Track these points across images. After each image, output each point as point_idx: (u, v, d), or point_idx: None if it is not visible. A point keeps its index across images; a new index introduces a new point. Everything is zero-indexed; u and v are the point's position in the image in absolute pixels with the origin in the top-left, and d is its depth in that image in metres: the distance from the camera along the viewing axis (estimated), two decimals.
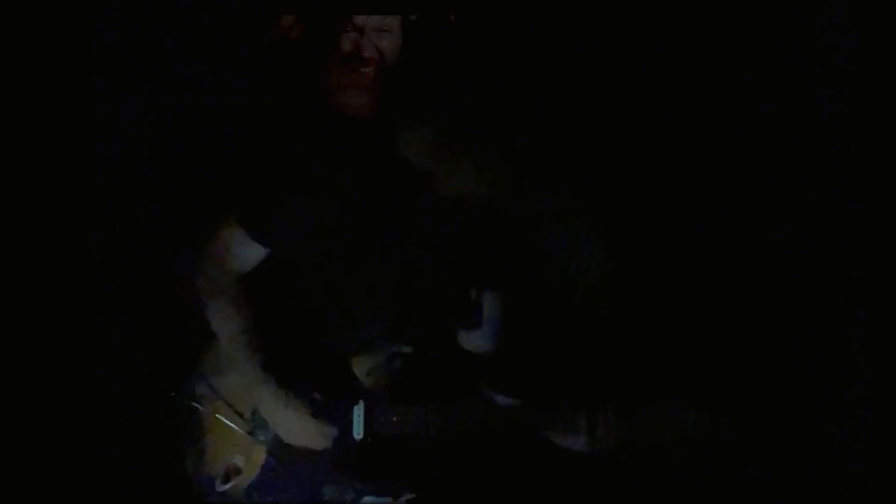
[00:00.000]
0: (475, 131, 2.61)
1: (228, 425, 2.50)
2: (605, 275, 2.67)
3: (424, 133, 2.57)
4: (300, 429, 2.43)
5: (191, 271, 2.54)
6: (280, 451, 2.47)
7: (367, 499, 2.48)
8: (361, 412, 2.44)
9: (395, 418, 2.42)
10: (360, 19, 2.50)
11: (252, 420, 2.49)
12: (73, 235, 2.70)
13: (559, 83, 2.73)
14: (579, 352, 2.59)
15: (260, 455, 2.49)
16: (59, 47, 2.67)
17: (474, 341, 2.46)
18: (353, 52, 2.47)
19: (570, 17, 2.73)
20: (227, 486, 2.47)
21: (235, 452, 2.50)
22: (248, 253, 2.51)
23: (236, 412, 2.51)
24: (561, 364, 2.56)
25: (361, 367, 2.48)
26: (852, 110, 2.68)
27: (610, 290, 2.65)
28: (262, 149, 2.61)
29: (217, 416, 2.50)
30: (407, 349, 2.46)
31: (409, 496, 2.46)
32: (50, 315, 2.65)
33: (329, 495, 2.47)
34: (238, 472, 2.48)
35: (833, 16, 2.69)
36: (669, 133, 2.75)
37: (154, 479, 2.55)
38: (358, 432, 2.43)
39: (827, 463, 2.66)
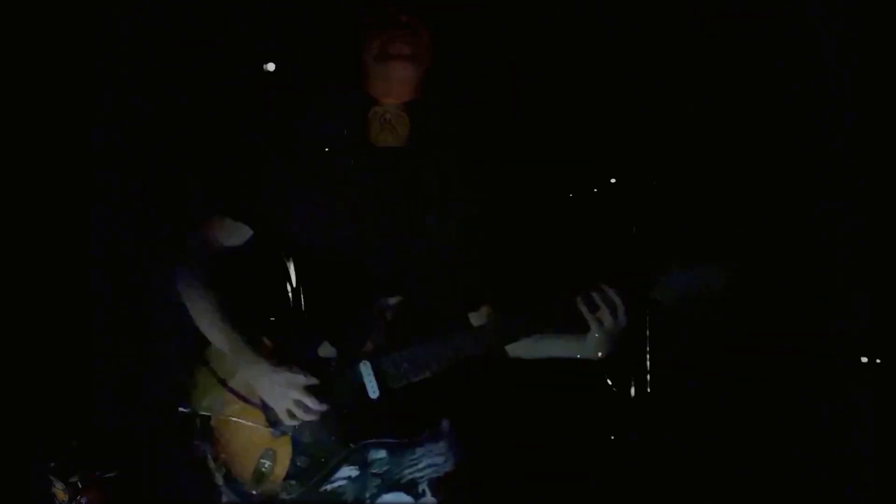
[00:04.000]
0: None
1: (246, 425, 2.48)
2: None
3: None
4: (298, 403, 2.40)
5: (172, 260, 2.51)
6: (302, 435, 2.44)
7: (386, 497, 2.47)
8: (370, 370, 2.42)
9: (405, 365, 2.39)
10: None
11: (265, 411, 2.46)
12: (72, 236, 2.70)
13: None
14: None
15: (286, 447, 2.46)
16: (61, 45, 2.67)
17: None
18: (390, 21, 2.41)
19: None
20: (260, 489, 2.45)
21: (261, 447, 2.46)
22: (235, 234, 2.50)
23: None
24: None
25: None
26: (852, 110, 2.68)
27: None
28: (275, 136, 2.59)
29: (232, 419, 2.48)
30: (393, 300, 2.42)
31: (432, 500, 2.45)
32: (48, 316, 2.66)
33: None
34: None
35: (833, 15, 2.70)
36: (673, 135, 2.76)
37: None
38: (373, 391, 2.39)
39: (827, 463, 2.67)
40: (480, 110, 2.70)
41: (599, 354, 2.35)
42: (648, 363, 2.57)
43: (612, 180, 2.67)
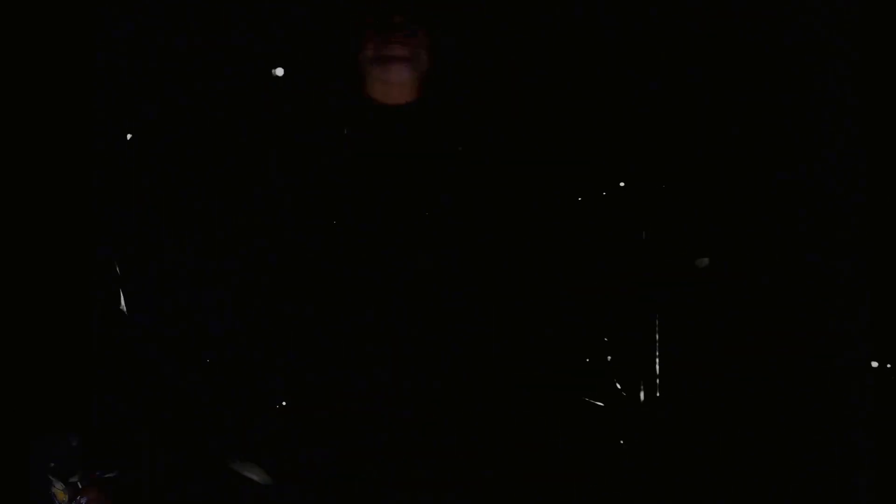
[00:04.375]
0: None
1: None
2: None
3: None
4: None
5: None
6: None
7: None
8: None
9: None
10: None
11: None
12: (72, 235, 2.70)
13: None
14: None
15: None
16: (62, 46, 2.67)
17: None
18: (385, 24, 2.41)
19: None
20: None
21: None
22: None
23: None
24: None
25: None
26: (852, 109, 2.68)
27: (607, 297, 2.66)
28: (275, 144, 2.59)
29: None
30: None
31: None
32: (48, 320, 2.66)
33: None
34: None
35: (833, 14, 2.70)
36: (673, 134, 2.75)
37: None
38: None
39: (827, 463, 2.67)
40: (483, 112, 2.70)
41: None
42: (658, 367, 2.57)
43: (622, 184, 2.66)
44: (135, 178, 2.79)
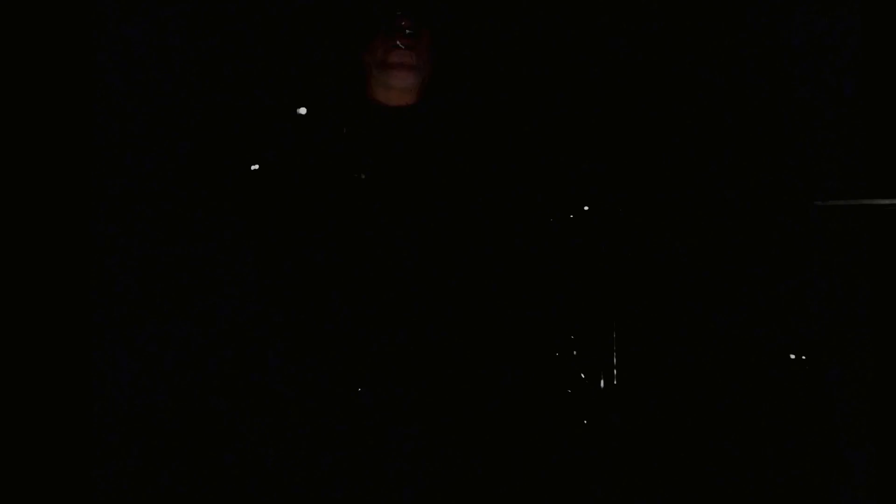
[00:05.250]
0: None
1: None
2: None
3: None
4: None
5: None
6: None
7: None
8: None
9: None
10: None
11: None
12: (72, 232, 2.71)
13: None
14: None
15: None
16: (61, 43, 2.68)
17: None
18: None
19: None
20: None
21: None
22: None
23: None
24: None
25: None
26: (852, 107, 2.67)
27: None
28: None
29: None
30: None
31: None
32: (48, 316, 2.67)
33: None
34: None
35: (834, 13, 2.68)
36: (669, 129, 2.75)
37: None
38: None
39: (827, 463, 2.66)
40: (480, 114, 2.69)
41: None
42: (615, 358, 2.73)
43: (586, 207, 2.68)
44: (134, 177, 2.79)
